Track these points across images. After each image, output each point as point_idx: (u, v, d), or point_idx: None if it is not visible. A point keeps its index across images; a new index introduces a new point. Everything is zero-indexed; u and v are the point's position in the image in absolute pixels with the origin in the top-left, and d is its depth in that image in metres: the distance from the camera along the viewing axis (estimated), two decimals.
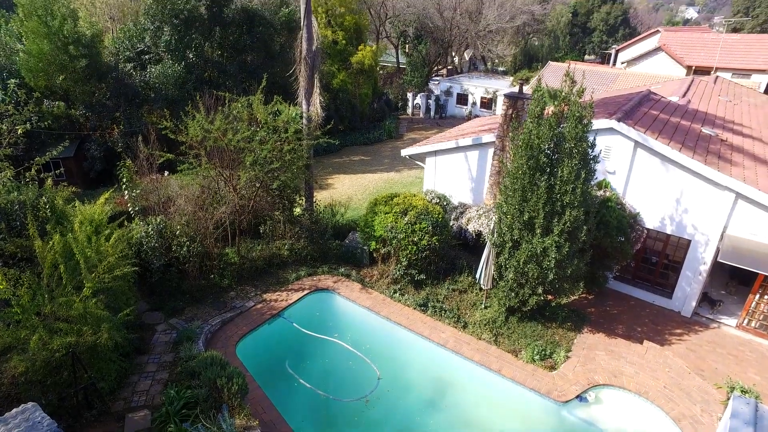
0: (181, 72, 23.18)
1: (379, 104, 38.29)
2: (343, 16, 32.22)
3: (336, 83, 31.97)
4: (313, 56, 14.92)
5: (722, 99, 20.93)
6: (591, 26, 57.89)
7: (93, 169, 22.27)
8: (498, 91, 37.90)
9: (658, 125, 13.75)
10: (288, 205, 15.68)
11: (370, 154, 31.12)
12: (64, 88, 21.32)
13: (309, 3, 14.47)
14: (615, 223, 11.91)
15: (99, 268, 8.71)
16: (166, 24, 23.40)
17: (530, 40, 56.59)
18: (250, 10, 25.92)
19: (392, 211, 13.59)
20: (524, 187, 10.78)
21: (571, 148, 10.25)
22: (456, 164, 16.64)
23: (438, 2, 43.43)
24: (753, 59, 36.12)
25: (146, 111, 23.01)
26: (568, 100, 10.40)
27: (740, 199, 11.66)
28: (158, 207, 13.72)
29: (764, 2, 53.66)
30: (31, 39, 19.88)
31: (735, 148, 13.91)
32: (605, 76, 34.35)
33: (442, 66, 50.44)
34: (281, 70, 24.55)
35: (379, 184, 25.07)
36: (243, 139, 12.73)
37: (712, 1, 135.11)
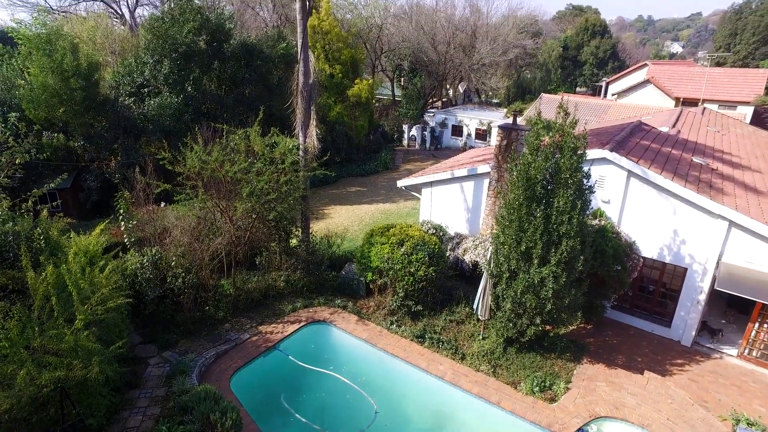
0: (180, 104, 23.50)
1: (375, 136, 38.76)
2: (340, 51, 32.97)
3: (332, 115, 32.44)
4: (309, 89, 15.19)
5: (710, 129, 21.34)
6: (581, 59, 59.42)
7: (89, 200, 22.28)
8: (492, 123, 38.50)
9: (650, 155, 13.96)
10: (284, 236, 15.65)
11: (367, 185, 31.30)
12: (63, 121, 21.56)
13: (306, 38, 14.83)
14: (611, 252, 11.92)
15: (92, 300, 8.60)
16: (165, 58, 23.86)
17: (523, 73, 57.98)
18: (248, 44, 26.51)
19: (388, 242, 13.56)
20: (521, 218, 10.82)
21: (567, 179, 10.35)
22: (452, 195, 16.74)
23: (432, 37, 44.65)
24: (737, 92, 37.42)
25: (144, 142, 23.20)
26: (562, 131, 10.58)
27: (734, 227, 11.74)
28: (154, 238, 13.67)
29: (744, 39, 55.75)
30: (36, 73, 20.23)
31: (726, 176, 14.11)
32: (597, 107, 35.08)
33: (437, 98, 51.40)
34: (278, 102, 24.93)
35: (376, 215, 25.12)
36: (240, 171, 12.81)
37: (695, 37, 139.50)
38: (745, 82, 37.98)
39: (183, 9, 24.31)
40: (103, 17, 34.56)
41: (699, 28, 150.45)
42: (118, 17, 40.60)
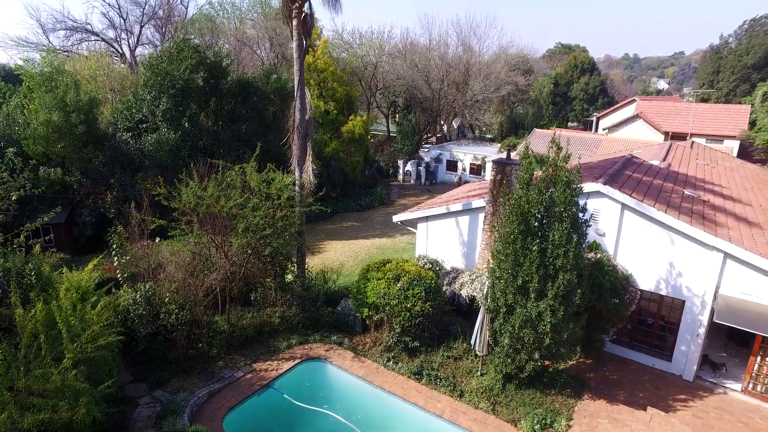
0: (177, 140, 23.75)
1: (371, 171, 39.14)
2: (335, 88, 33.67)
3: (328, 151, 32.81)
4: (305, 126, 15.40)
5: (700, 162, 21.69)
6: (572, 95, 60.81)
7: (83, 235, 22.15)
8: (486, 158, 39.01)
9: (642, 187, 14.11)
10: (280, 271, 15.52)
11: (362, 221, 31.34)
12: (61, 155, 21.70)
13: (302, 76, 15.16)
14: (608, 285, 11.87)
15: (82, 338, 8.42)
16: (163, 94, 24.25)
17: (515, 109, 59.17)
18: (245, 81, 27.03)
19: (384, 277, 13.47)
20: (516, 252, 10.81)
21: (561, 212, 10.41)
22: (447, 229, 16.76)
23: (426, 74, 45.71)
24: (723, 126, 38.54)
25: (140, 178, 23.30)
26: (555, 165, 10.71)
27: (729, 258, 11.77)
28: (148, 273, 13.52)
29: (725, 77, 57.73)
30: (36, 108, 20.52)
31: (717, 208, 14.24)
32: (589, 141, 35.69)
33: (431, 134, 52.18)
34: (274, 138, 25.24)
35: (372, 250, 25.04)
36: (236, 206, 12.83)
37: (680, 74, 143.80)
38: (729, 117, 39.22)
39: (181, 47, 24.90)
40: (105, 56, 35.33)
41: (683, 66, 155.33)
42: (118, 56, 41.53)
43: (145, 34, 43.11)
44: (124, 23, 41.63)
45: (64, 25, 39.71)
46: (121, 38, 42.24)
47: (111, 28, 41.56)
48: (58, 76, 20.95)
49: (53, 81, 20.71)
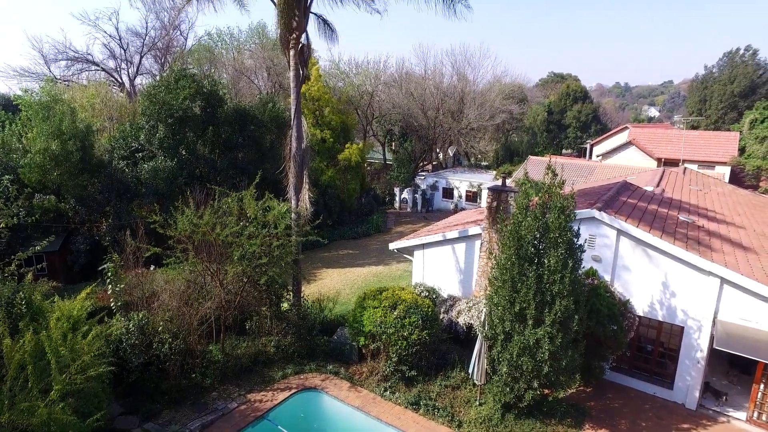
0: (173, 168, 23.82)
1: (367, 199, 39.24)
2: (331, 117, 34.07)
3: (324, 179, 32.95)
4: (302, 154, 15.52)
5: (693, 188, 21.89)
6: (565, 123, 61.74)
7: (77, 263, 21.95)
8: (482, 185, 39.24)
9: (637, 213, 14.18)
10: (275, 300, 15.37)
11: (359, 248, 31.26)
12: (57, 183, 21.69)
13: (299, 104, 15.36)
14: (606, 312, 11.78)
15: (71, 368, 8.23)
16: (161, 123, 24.45)
17: (510, 137, 59.87)
18: (242, 110, 27.33)
19: (381, 306, 13.34)
20: (513, 278, 10.76)
21: (556, 238, 10.42)
22: (444, 257, 16.72)
23: (422, 103, 46.41)
24: (713, 153, 39.24)
25: (136, 205, 23.27)
26: (550, 191, 10.77)
27: (725, 284, 11.73)
28: (142, 302, 13.35)
29: (712, 105, 59.33)
30: (33, 136, 20.62)
31: (712, 233, 14.28)
32: (583, 168, 36.04)
33: (427, 161, 52.60)
34: (271, 166, 25.35)
35: (368, 278, 24.89)
36: (231, 234, 12.78)
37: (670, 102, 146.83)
38: (719, 144, 39.99)
39: (179, 77, 25.25)
40: (103, 85, 35.77)
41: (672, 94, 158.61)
42: (118, 85, 42.07)
43: (144, 64, 43.82)
44: (124, 53, 42.34)
45: (66, 56, 40.34)
46: (121, 68, 42.90)
47: (111, 58, 42.25)
48: (54, 105, 21.14)
49: (50, 109, 20.88)
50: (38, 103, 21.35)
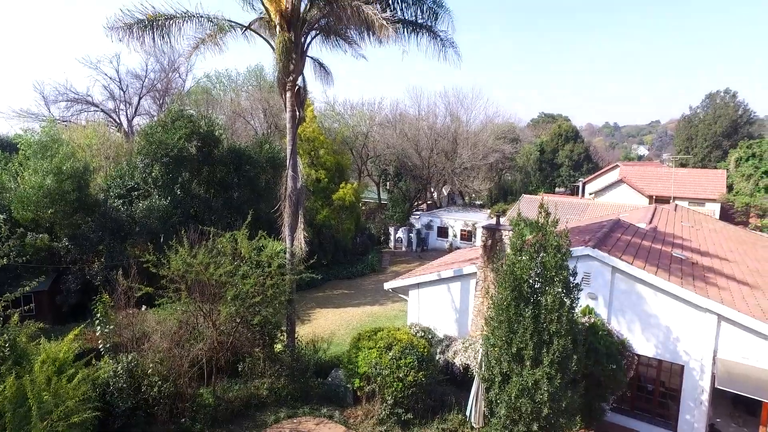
0: (168, 207, 23.82)
1: (362, 239, 39.22)
2: (326, 157, 34.50)
3: (319, 219, 33.02)
4: (297, 194, 15.59)
5: (685, 224, 22.07)
6: (557, 162, 62.82)
7: (67, 303, 21.57)
8: (477, 224, 39.41)
9: (631, 250, 14.22)
10: (269, 341, 15.07)
11: (354, 288, 31.00)
12: (50, 221, 21.59)
13: (294, 145, 15.56)
14: (604, 351, 11.62)
15: (54, 414, 7.93)
16: (156, 162, 24.63)
17: (503, 176, 60.70)
18: (238, 150, 27.64)
19: (376, 346, 13.11)
20: (510, 318, 10.64)
21: (552, 277, 10.39)
22: (439, 296, 16.59)
23: (416, 143, 47.19)
24: (702, 190, 39.98)
25: (130, 244, 23.12)
26: (544, 230, 10.82)
27: (723, 321, 11.66)
28: (131, 343, 13.04)
29: (698, 144, 61.20)
30: (29, 175, 20.65)
31: (706, 269, 14.31)
32: (576, 206, 36.39)
33: (422, 201, 52.99)
34: (266, 205, 25.43)
35: (363, 318, 24.57)
36: (225, 273, 12.67)
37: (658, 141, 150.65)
38: (708, 181, 40.88)
39: (176, 117, 25.64)
40: (101, 126, 36.24)
41: (660, 133, 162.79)
42: (116, 125, 42.63)
43: (143, 105, 44.68)
44: (124, 95, 43.16)
45: (66, 97, 41.09)
46: (120, 109, 43.64)
47: (110, 99, 43.07)
48: (54, 144, 21.32)
49: (49, 149, 21.04)
50: (37, 143, 21.52)
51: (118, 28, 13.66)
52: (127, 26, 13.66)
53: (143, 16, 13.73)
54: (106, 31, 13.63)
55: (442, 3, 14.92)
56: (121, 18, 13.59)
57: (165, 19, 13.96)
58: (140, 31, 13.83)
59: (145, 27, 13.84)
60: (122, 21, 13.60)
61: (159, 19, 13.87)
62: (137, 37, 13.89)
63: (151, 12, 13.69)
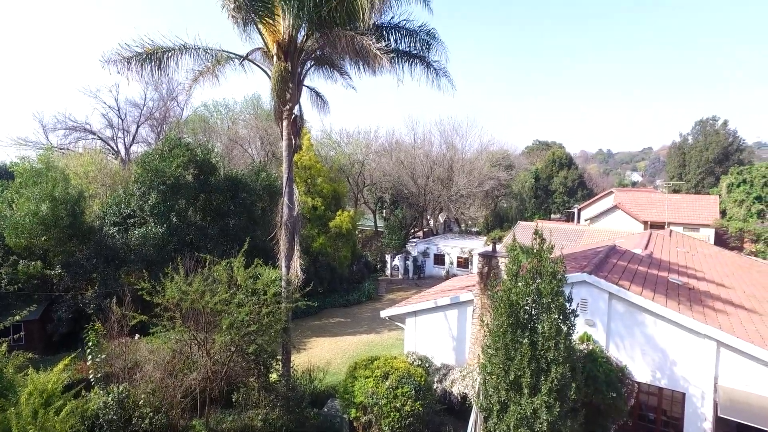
0: (164, 234, 23.74)
1: (358, 266, 39.05)
2: (322, 185, 34.65)
3: (315, 246, 32.93)
4: (294, 221, 15.60)
5: (680, 250, 22.13)
6: (552, 189, 63.29)
7: (57, 332, 21.21)
8: (473, 251, 39.37)
9: (628, 275, 14.21)
10: (264, 370, 14.79)
11: (350, 316, 30.71)
12: (44, 249, 21.43)
13: (291, 173, 15.65)
14: (603, 378, 11.48)
15: None
16: (153, 190, 24.67)
17: (499, 203, 60.97)
18: (234, 177, 27.75)
19: (373, 375, 12.92)
20: (507, 345, 10.53)
21: (549, 303, 10.34)
22: (436, 324, 16.44)
23: (412, 171, 47.51)
24: (696, 215, 40.30)
25: (124, 272, 22.93)
26: (540, 256, 10.82)
27: (722, 347, 11.57)
28: (123, 373, 12.79)
29: (691, 170, 62.14)
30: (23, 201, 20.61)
31: (703, 294, 14.29)
32: (572, 232, 36.47)
33: (418, 228, 53.00)
34: (262, 233, 25.38)
35: (359, 347, 24.26)
36: (221, 302, 12.54)
37: (651, 167, 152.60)
38: (701, 207, 41.28)
39: (173, 145, 25.82)
40: (99, 153, 36.40)
41: (652, 159, 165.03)
42: (113, 153, 42.81)
43: (140, 132, 44.95)
44: (122, 123, 43.48)
45: (65, 125, 41.30)
46: (118, 137, 43.84)
47: (109, 127, 43.29)
48: (48, 171, 21.39)
49: (43, 175, 21.09)
50: (32, 170, 21.59)
51: (116, 61, 13.79)
52: (125, 59, 13.80)
53: (141, 49, 13.92)
54: (103, 64, 13.74)
55: (434, 35, 15.29)
56: (119, 52, 13.74)
57: (163, 52, 14.18)
58: (138, 64, 13.98)
59: (144, 60, 13.99)
60: (120, 54, 13.75)
61: (157, 52, 14.08)
62: (135, 71, 14.02)
63: (149, 45, 13.91)
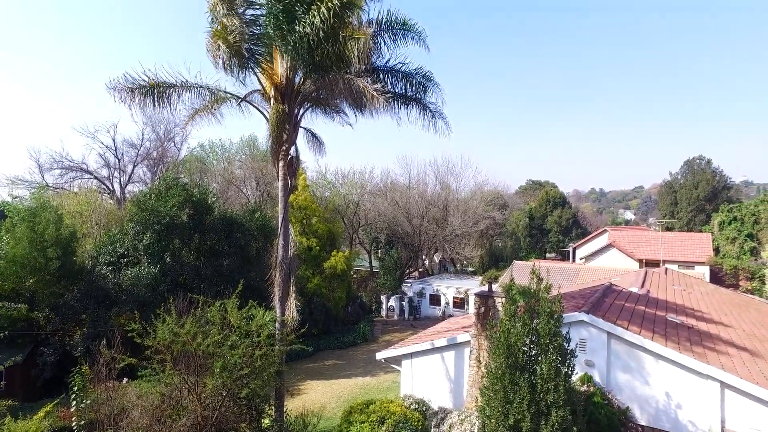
0: (156, 274, 23.47)
1: (353, 307, 38.59)
2: (318, 225, 34.68)
3: (310, 287, 32.63)
4: (289, 262, 15.50)
5: (677, 288, 22.07)
6: (547, 228, 63.59)
7: (41, 377, 20.50)
8: (469, 291, 39.05)
9: (626, 314, 14.10)
10: (256, 415, 14.32)
11: (345, 358, 30.11)
12: (31, 290, 21.03)
13: (286, 213, 15.68)
14: (605, 421, 11.19)
15: None
16: (148, 230, 24.57)
17: (494, 242, 61.04)
18: (229, 218, 27.75)
19: (368, 420, 12.57)
20: (505, 388, 10.30)
21: (547, 344, 10.19)
22: (433, 366, 16.11)
23: (407, 211, 47.73)
24: (690, 253, 40.48)
25: (115, 313, 22.49)
26: (537, 296, 10.75)
27: (726, 389, 11.33)
28: (109, 420, 12.30)
29: (682, 208, 63.09)
30: (12, 244, 20.35)
31: (703, 334, 14.13)
32: (568, 271, 36.42)
33: (413, 268, 52.76)
34: (256, 274, 25.17)
35: (355, 390, 23.65)
36: (213, 344, 12.27)
37: (643, 206, 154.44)
38: (695, 244, 41.52)
39: (170, 185, 25.92)
40: (93, 193, 36.41)
41: (644, 198, 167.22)
42: (109, 192, 42.84)
43: (137, 172, 45.16)
44: (119, 163, 43.71)
45: (61, 165, 41.39)
46: (113, 176, 44.01)
47: (105, 167, 43.50)
48: (42, 211, 21.24)
49: (36, 216, 20.91)
50: (25, 209, 21.45)
51: (121, 89, 14.30)
52: (129, 90, 14.31)
53: (145, 83, 14.41)
54: (108, 90, 14.28)
55: (430, 77, 15.67)
56: (124, 82, 14.27)
57: (165, 87, 14.67)
58: (142, 96, 14.48)
59: (147, 93, 14.50)
60: (125, 84, 14.27)
61: (160, 86, 14.55)
62: (138, 103, 14.53)
63: (152, 80, 14.37)
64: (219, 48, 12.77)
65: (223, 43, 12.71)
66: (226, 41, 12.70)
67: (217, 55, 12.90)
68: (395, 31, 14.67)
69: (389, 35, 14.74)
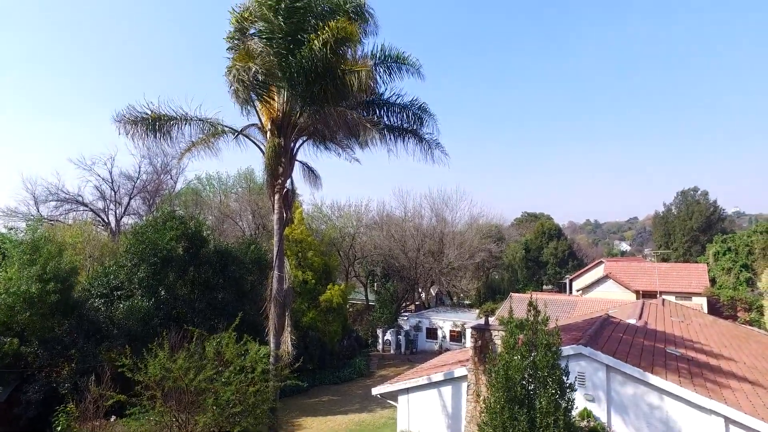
0: (150, 308, 23.11)
1: (349, 341, 37.99)
2: (313, 259, 34.49)
3: (305, 321, 32.19)
4: (284, 295, 15.35)
5: (675, 320, 21.92)
6: (543, 260, 63.48)
7: (25, 416, 19.77)
8: (466, 324, 38.58)
9: (624, 347, 13.94)
10: None
11: (340, 394, 29.43)
12: (24, 324, 20.57)
13: (282, 246, 15.64)
14: None
15: None
16: (144, 262, 24.35)
17: (491, 275, 60.75)
18: (224, 250, 27.57)
19: None
20: (504, 423, 10.07)
21: (545, 377, 10.03)
22: (430, 401, 15.78)
23: (402, 244, 47.62)
24: (687, 284, 40.41)
25: (105, 348, 21.97)
26: (535, 328, 10.63)
27: (731, 424, 11.08)
28: None
29: (677, 239, 63.53)
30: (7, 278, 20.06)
31: (704, 366, 13.95)
32: (565, 303, 36.16)
33: (410, 302, 52.24)
34: (251, 307, 24.83)
35: (351, 427, 23.04)
36: (206, 379, 11.99)
37: (638, 237, 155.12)
38: (691, 275, 41.51)
39: (167, 218, 25.87)
40: (88, 225, 36.18)
41: (639, 229, 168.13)
42: (103, 225, 42.59)
43: (132, 205, 44.96)
44: (114, 195, 43.64)
45: (57, 197, 41.22)
46: (109, 208, 43.78)
47: (101, 199, 43.32)
48: (44, 245, 21.04)
49: (38, 250, 20.69)
50: (26, 242, 21.20)
51: (125, 121, 14.80)
52: (132, 122, 14.80)
53: (147, 115, 14.89)
54: (113, 122, 14.82)
55: (426, 108, 15.93)
56: (128, 113, 14.77)
57: (167, 119, 15.16)
58: (144, 128, 14.95)
59: (149, 125, 14.95)
60: (129, 116, 14.77)
61: (162, 118, 14.99)
62: (140, 134, 15.03)
63: (155, 112, 14.86)
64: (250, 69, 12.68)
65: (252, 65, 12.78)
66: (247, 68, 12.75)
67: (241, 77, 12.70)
68: (389, 65, 15.05)
69: (384, 69, 15.11)
